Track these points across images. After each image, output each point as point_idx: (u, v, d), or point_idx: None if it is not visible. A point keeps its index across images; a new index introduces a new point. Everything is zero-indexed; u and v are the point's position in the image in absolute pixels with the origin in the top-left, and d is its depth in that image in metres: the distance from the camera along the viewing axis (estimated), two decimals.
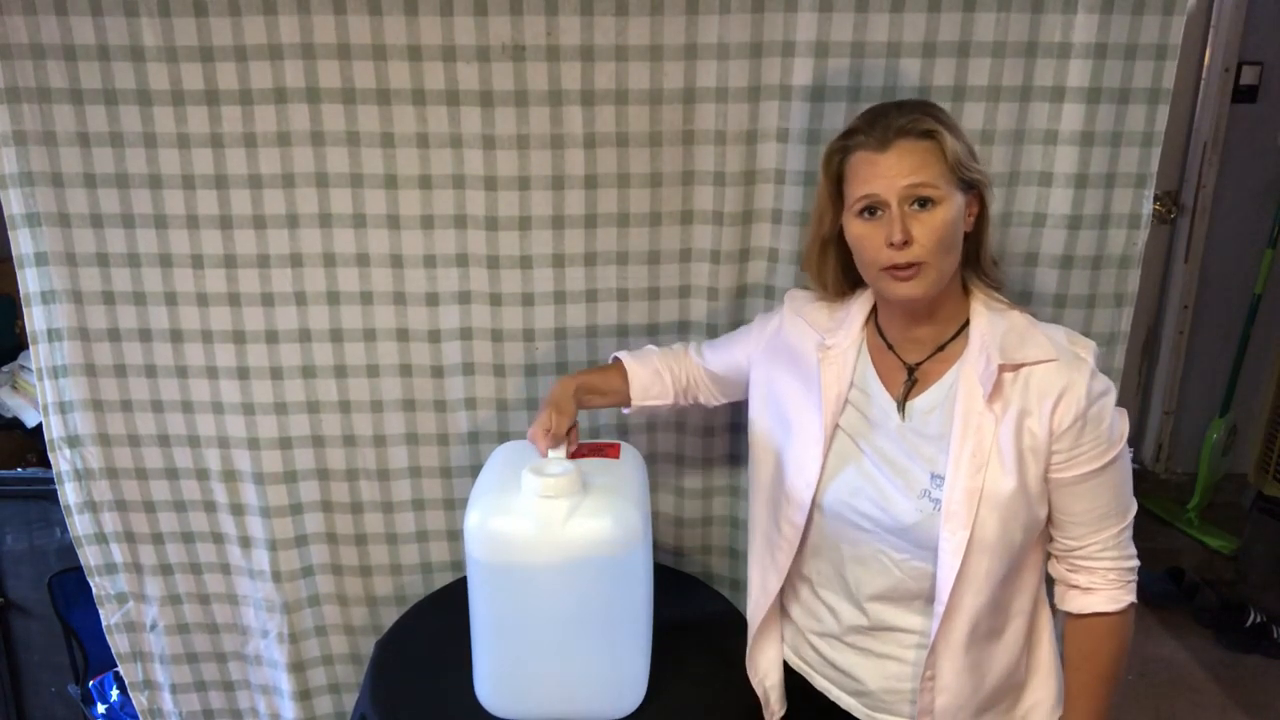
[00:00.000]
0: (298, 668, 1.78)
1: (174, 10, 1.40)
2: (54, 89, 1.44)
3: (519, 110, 1.45)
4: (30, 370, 1.80)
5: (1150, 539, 3.15)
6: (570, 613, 1.25)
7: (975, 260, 1.19)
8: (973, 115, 1.41)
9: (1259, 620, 2.69)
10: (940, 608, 1.14)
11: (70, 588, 1.92)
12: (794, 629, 1.35)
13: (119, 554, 1.71)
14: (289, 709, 1.80)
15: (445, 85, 1.44)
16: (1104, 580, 1.16)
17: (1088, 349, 1.15)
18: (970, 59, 1.39)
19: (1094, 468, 1.12)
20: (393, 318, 1.58)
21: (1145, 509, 1.26)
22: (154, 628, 1.77)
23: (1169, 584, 2.89)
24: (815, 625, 1.31)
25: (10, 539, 1.98)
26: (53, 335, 1.58)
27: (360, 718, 1.39)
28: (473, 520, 1.23)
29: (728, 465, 1.69)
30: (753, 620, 1.36)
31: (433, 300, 1.57)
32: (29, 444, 2.09)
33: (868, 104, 1.22)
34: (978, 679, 1.19)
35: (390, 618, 1.63)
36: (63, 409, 1.62)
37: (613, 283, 1.56)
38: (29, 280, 1.55)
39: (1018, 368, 1.13)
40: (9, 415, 2.12)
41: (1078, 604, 1.18)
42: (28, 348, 1.61)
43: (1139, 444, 3.47)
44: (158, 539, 1.71)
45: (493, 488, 1.27)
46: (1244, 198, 3.14)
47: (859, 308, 1.25)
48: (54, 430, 1.63)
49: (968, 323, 1.18)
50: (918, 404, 1.19)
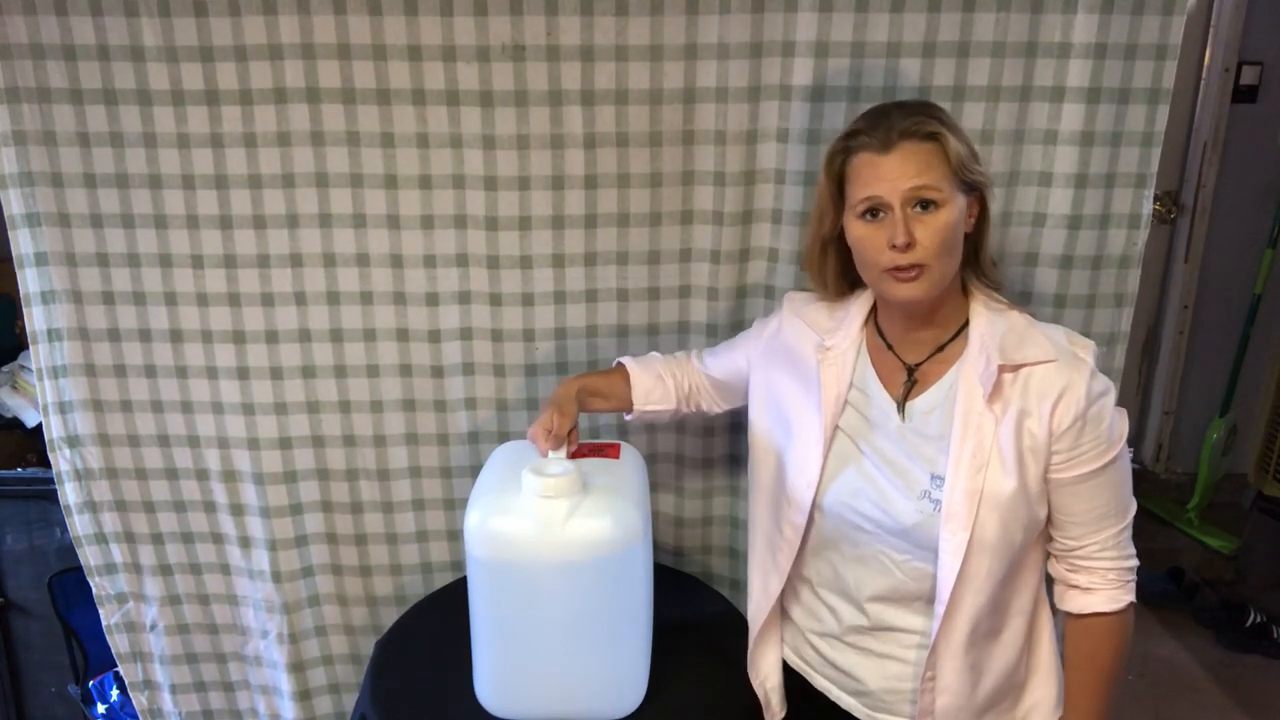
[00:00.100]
0: (297, 668, 1.78)
1: (174, 10, 1.40)
2: (54, 89, 1.44)
3: (519, 110, 1.45)
4: (30, 370, 1.80)
5: (1150, 539, 3.15)
6: (570, 613, 1.25)
7: (975, 261, 1.19)
8: (973, 115, 1.41)
9: (1259, 620, 2.69)
10: (941, 608, 1.14)
11: (70, 588, 1.92)
12: (794, 629, 1.35)
13: (119, 554, 1.71)
14: (289, 709, 1.80)
15: (445, 85, 1.44)
16: (1103, 580, 1.16)
17: (1087, 349, 1.15)
18: (970, 59, 1.39)
19: (1094, 468, 1.12)
20: (393, 318, 1.58)
21: (1145, 509, 1.26)
22: (154, 628, 1.77)
23: (1169, 584, 2.89)
24: (816, 625, 1.31)
25: (10, 539, 1.98)
26: (53, 335, 1.58)
27: (360, 718, 1.39)
28: (473, 520, 1.23)
29: (728, 465, 1.69)
30: (754, 623, 1.36)
31: (433, 300, 1.57)
32: (29, 444, 2.09)
33: (868, 104, 1.22)
34: (978, 679, 1.19)
35: (390, 618, 1.63)
36: (63, 409, 1.62)
37: (613, 283, 1.56)
38: (29, 280, 1.55)
39: (1017, 368, 1.13)
40: (9, 415, 2.12)
41: (1077, 604, 1.18)
42: (28, 348, 1.61)
43: (1139, 444, 3.47)
44: (157, 539, 1.71)
45: (493, 488, 1.27)
46: (1244, 198, 3.13)
47: (858, 308, 1.25)
48: (54, 430, 1.63)
49: (967, 323, 1.18)
50: (917, 404, 1.18)
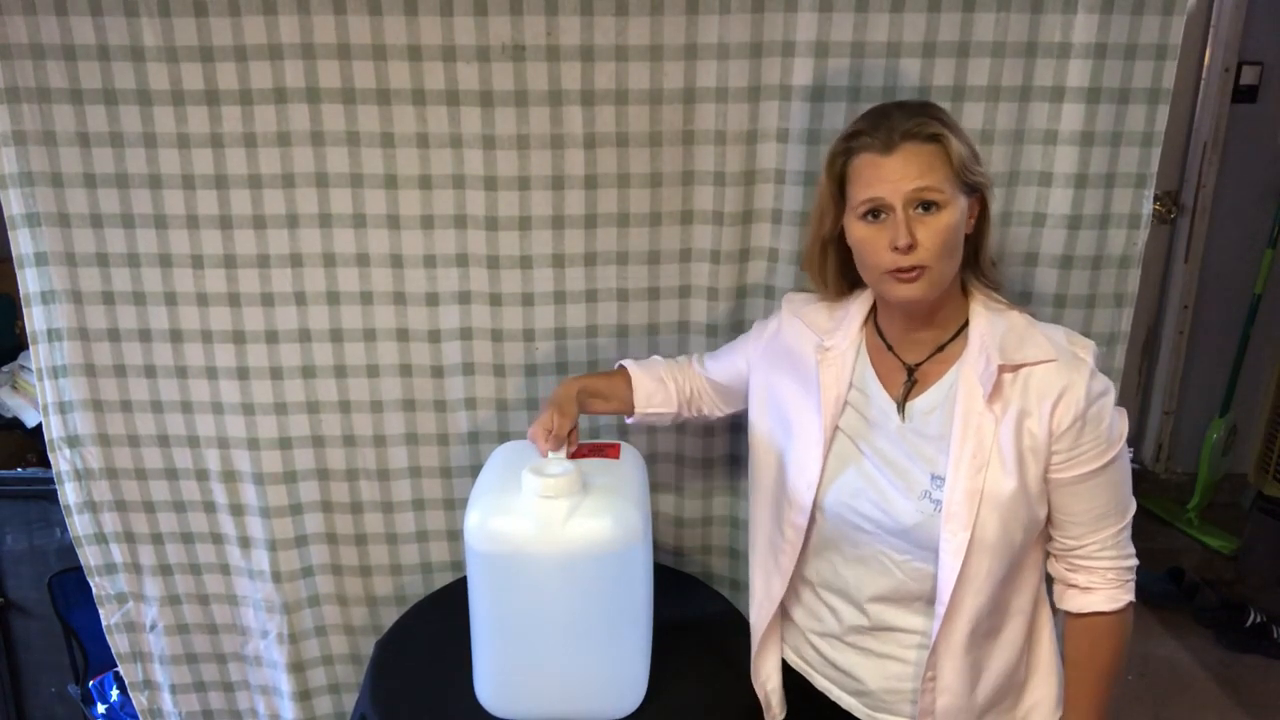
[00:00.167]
0: (297, 668, 1.78)
1: (174, 10, 1.40)
2: (54, 89, 1.44)
3: (519, 110, 1.45)
4: (30, 370, 1.80)
5: (1150, 539, 3.15)
6: (570, 613, 1.25)
7: (975, 261, 1.19)
8: (972, 115, 1.41)
9: (1259, 620, 2.69)
10: (941, 608, 1.14)
11: (70, 588, 1.92)
12: (795, 629, 1.35)
13: (119, 554, 1.71)
14: (289, 709, 1.80)
15: (445, 85, 1.44)
16: (1103, 579, 1.16)
17: (1087, 349, 1.15)
18: (970, 59, 1.39)
19: (1094, 467, 1.12)
20: (393, 318, 1.58)
21: (1145, 509, 1.26)
22: (154, 628, 1.77)
23: (1169, 584, 2.89)
24: (816, 625, 1.30)
25: (10, 539, 1.98)
26: (53, 335, 1.58)
27: (360, 718, 1.39)
28: (473, 520, 1.23)
29: (728, 465, 1.69)
30: (757, 627, 1.35)
31: (433, 300, 1.57)
32: (29, 444, 2.09)
33: (868, 104, 1.22)
34: (978, 679, 1.19)
35: (390, 618, 1.63)
36: (63, 409, 1.62)
37: (613, 283, 1.56)
38: (29, 280, 1.55)
39: (1017, 368, 1.12)
40: (9, 415, 2.12)
41: (1077, 603, 1.18)
42: (28, 348, 1.61)
43: (1139, 444, 3.47)
44: (157, 539, 1.71)
45: (493, 488, 1.27)
46: (1244, 198, 3.13)
47: (858, 308, 1.25)
48: (54, 430, 1.63)
49: (967, 323, 1.18)
50: (917, 405, 1.18)
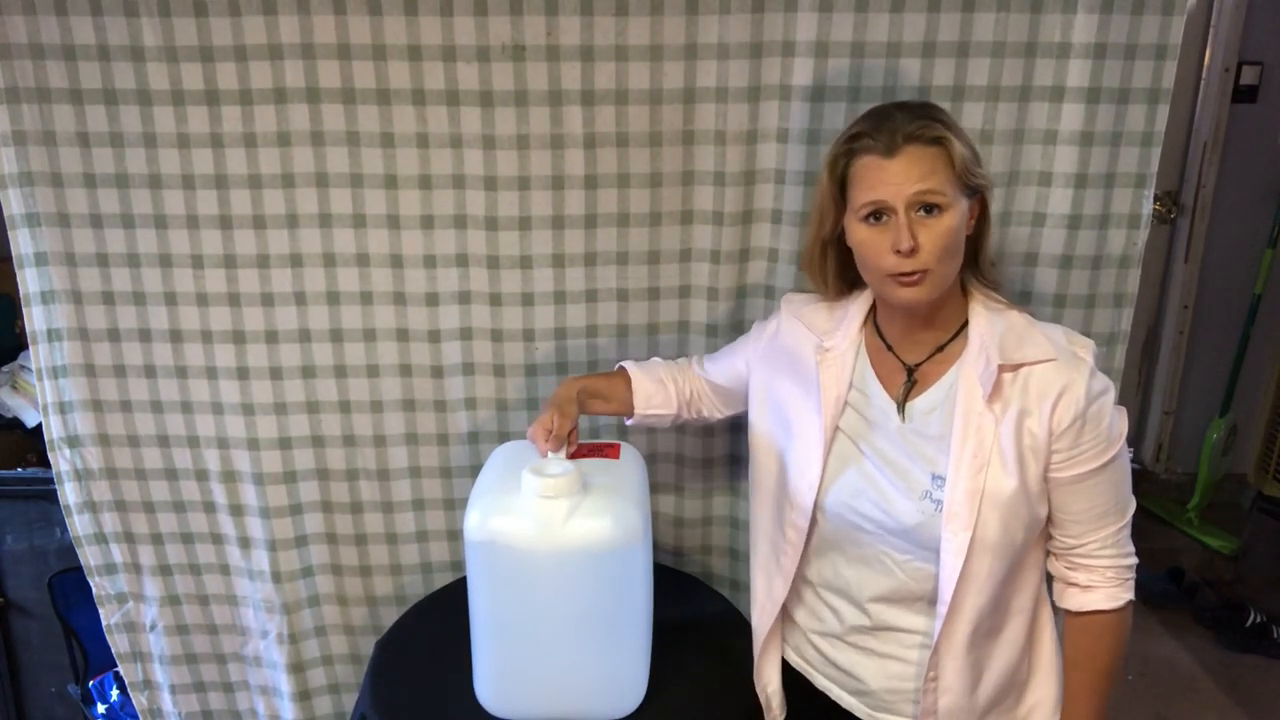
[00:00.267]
0: (297, 668, 1.78)
1: (174, 10, 1.40)
2: (54, 89, 1.44)
3: (519, 110, 1.45)
4: (30, 370, 1.80)
5: (1150, 539, 3.15)
6: (570, 613, 1.25)
7: (974, 262, 1.19)
8: (972, 115, 1.41)
9: (1259, 620, 2.69)
10: (943, 608, 1.14)
11: (70, 588, 1.92)
12: (796, 629, 1.35)
13: (119, 554, 1.71)
14: (289, 710, 1.80)
15: (445, 85, 1.44)
16: (1103, 578, 1.16)
17: (1087, 348, 1.15)
18: (970, 59, 1.39)
19: (1094, 466, 1.12)
20: (393, 318, 1.58)
21: (1145, 509, 1.26)
22: (153, 628, 1.77)
23: (1169, 584, 2.89)
24: (817, 625, 1.30)
25: (10, 539, 1.98)
26: (53, 335, 1.58)
27: (360, 718, 1.39)
28: (473, 520, 1.23)
29: (728, 465, 1.69)
30: (759, 630, 1.35)
31: (433, 300, 1.57)
32: (29, 444, 2.09)
33: (868, 104, 1.22)
34: (980, 678, 1.19)
35: (390, 618, 1.63)
36: (62, 409, 1.62)
37: (613, 283, 1.56)
38: (29, 280, 1.55)
39: (1017, 368, 1.12)
40: (9, 415, 2.12)
41: (1076, 601, 1.18)
42: (28, 348, 1.61)
43: (1139, 444, 3.47)
44: (157, 539, 1.71)
45: (493, 488, 1.27)
46: (1244, 198, 3.13)
47: (857, 308, 1.25)
48: (54, 430, 1.63)
49: (967, 323, 1.18)
50: (917, 405, 1.18)
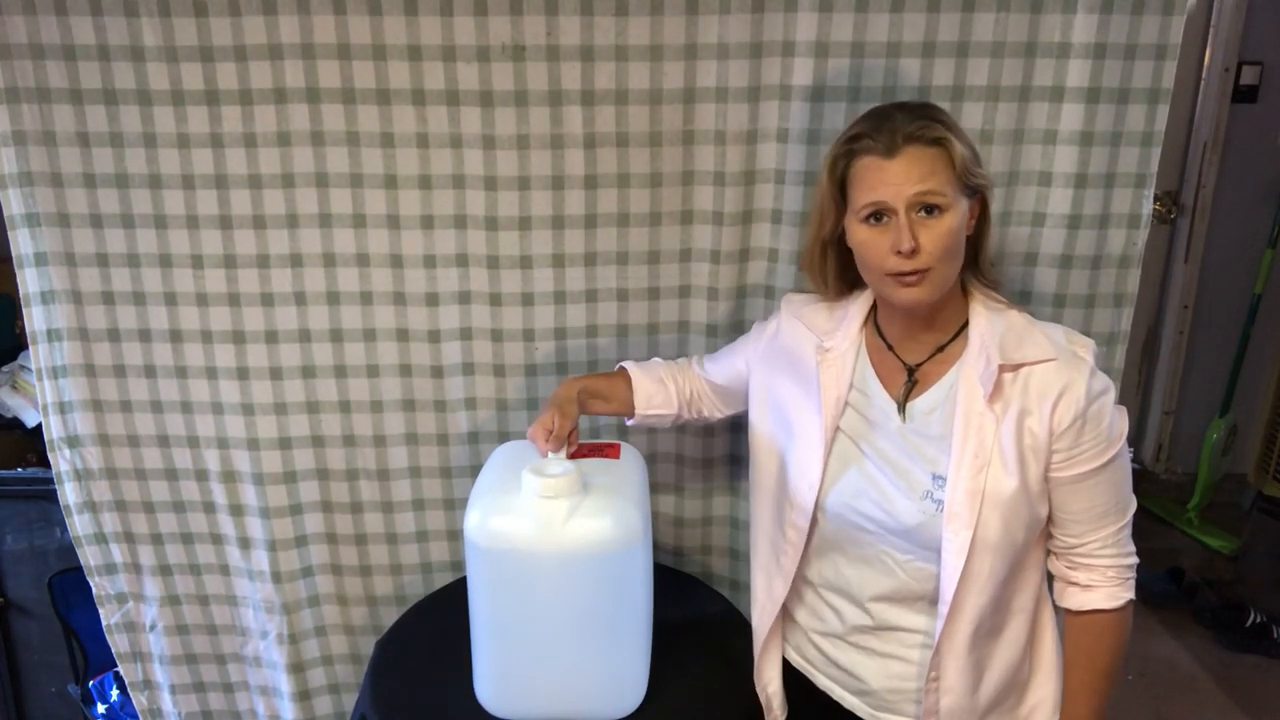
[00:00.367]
0: (297, 668, 1.78)
1: (174, 10, 1.40)
2: (54, 89, 1.44)
3: (519, 110, 1.45)
4: (30, 370, 1.80)
5: (1150, 539, 3.15)
6: (570, 613, 1.25)
7: (974, 261, 1.19)
8: (972, 115, 1.41)
9: (1259, 620, 2.69)
10: (944, 608, 1.14)
11: (70, 588, 1.92)
12: (797, 629, 1.35)
13: (118, 554, 1.71)
14: (288, 710, 1.80)
15: (445, 85, 1.44)
16: (1103, 577, 1.16)
17: (1087, 348, 1.15)
18: (969, 59, 1.39)
19: (1094, 466, 1.12)
20: (393, 318, 1.58)
21: (1145, 509, 1.26)
22: (153, 628, 1.77)
23: (1169, 584, 2.89)
24: (819, 625, 1.30)
25: (10, 539, 1.98)
26: (52, 335, 1.58)
27: (360, 718, 1.39)
28: (473, 520, 1.23)
29: (728, 465, 1.69)
30: (759, 630, 1.35)
31: (433, 300, 1.57)
32: (29, 444, 2.09)
33: (868, 104, 1.22)
34: (981, 678, 1.19)
35: (390, 618, 1.63)
36: (62, 409, 1.62)
37: (613, 283, 1.56)
38: (29, 280, 1.55)
39: (1017, 368, 1.12)
40: (9, 415, 2.12)
41: (1077, 601, 1.18)
42: (28, 348, 1.61)
43: (1139, 444, 3.47)
44: (157, 539, 1.71)
45: (493, 488, 1.27)
46: (1244, 198, 3.13)
47: (858, 308, 1.25)
48: (54, 430, 1.63)
49: (967, 323, 1.18)
50: (918, 405, 1.18)
